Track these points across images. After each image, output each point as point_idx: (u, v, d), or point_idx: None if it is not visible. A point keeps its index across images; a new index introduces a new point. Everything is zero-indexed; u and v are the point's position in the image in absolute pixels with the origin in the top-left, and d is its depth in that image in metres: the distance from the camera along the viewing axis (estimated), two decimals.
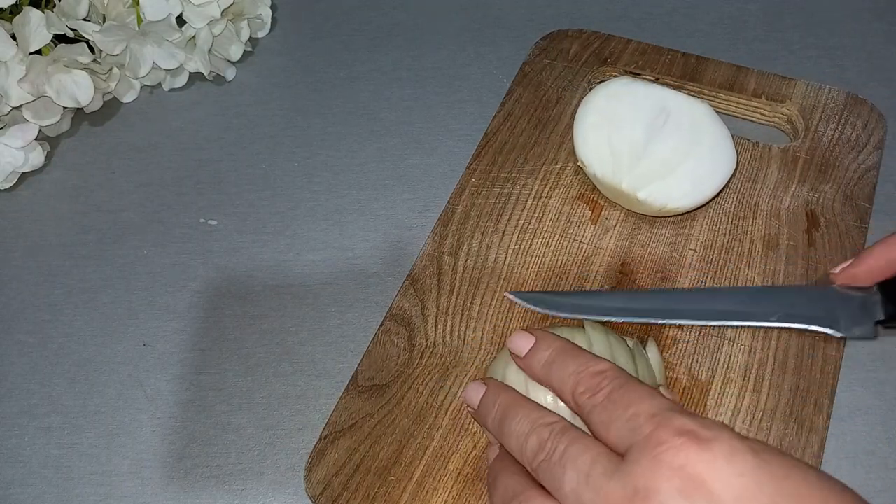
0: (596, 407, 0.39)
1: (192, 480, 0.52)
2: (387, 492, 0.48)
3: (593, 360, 0.42)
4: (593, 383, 0.40)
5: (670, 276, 0.57)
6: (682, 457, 0.34)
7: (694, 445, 0.35)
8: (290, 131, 0.70)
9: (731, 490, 0.34)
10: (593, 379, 0.40)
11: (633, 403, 0.38)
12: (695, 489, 0.34)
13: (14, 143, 0.64)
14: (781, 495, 0.34)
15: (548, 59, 0.70)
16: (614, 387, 0.39)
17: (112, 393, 0.56)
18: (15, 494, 0.52)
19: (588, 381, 0.40)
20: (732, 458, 0.34)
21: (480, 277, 0.57)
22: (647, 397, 0.38)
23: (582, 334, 0.48)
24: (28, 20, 0.62)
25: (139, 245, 0.63)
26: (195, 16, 0.68)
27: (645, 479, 0.35)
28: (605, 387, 0.40)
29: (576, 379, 0.41)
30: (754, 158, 0.62)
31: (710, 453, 0.34)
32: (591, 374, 0.41)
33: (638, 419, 0.37)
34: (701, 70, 0.68)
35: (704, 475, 0.34)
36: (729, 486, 0.34)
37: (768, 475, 0.34)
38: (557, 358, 0.43)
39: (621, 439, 0.37)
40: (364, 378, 0.53)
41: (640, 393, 0.39)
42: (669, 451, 0.35)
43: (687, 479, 0.34)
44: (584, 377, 0.41)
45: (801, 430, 0.50)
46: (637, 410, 0.37)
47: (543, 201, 0.61)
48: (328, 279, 0.60)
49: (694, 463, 0.34)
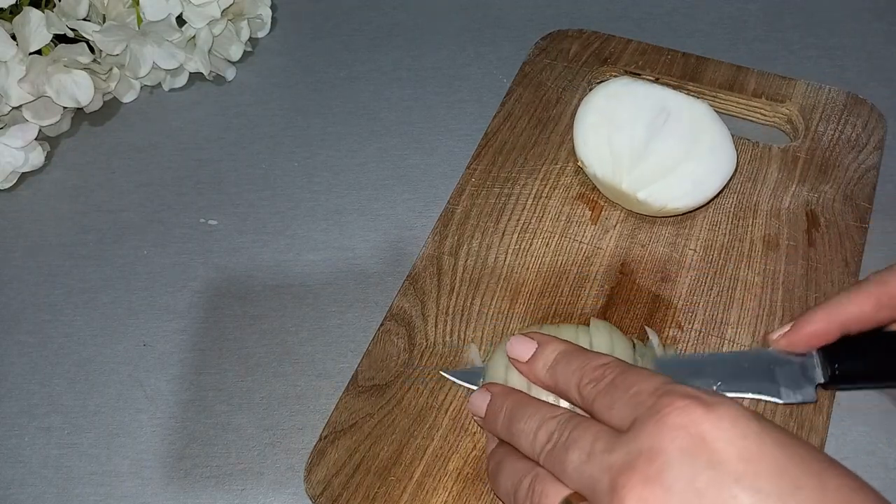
0: (600, 393, 0.40)
1: (192, 480, 0.52)
2: (387, 492, 0.48)
3: (595, 356, 0.42)
4: (596, 374, 0.41)
5: (670, 276, 0.57)
6: (685, 417, 0.35)
7: (699, 407, 0.35)
8: (290, 131, 0.70)
9: (734, 450, 0.34)
10: (596, 371, 0.41)
11: (635, 383, 0.38)
12: (699, 448, 0.34)
13: (14, 143, 0.64)
14: (785, 458, 0.34)
15: (548, 59, 0.70)
16: (616, 373, 0.40)
17: (112, 393, 0.56)
18: (15, 494, 0.52)
19: (591, 374, 0.41)
20: (736, 422, 0.35)
21: (480, 277, 0.57)
22: (649, 377, 0.39)
23: (585, 333, 0.48)
24: (28, 20, 0.62)
25: (139, 245, 0.63)
26: (195, 16, 0.68)
27: (650, 441, 0.35)
28: (608, 375, 0.40)
29: (580, 374, 0.41)
30: (754, 158, 0.62)
31: (715, 415, 0.35)
32: (594, 367, 0.41)
33: (640, 395, 0.37)
34: (701, 70, 0.68)
35: (708, 435, 0.34)
36: (733, 447, 0.34)
37: (772, 440, 0.34)
38: (562, 360, 0.43)
39: (624, 418, 0.37)
40: (364, 378, 0.53)
41: (641, 375, 0.39)
42: (673, 412, 0.35)
43: (691, 438, 0.34)
44: (588, 370, 0.41)
45: (801, 430, 0.50)
46: (639, 389, 0.38)
47: (543, 201, 0.61)
48: (328, 279, 0.60)
49: (698, 423, 0.34)
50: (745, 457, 0.34)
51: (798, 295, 0.55)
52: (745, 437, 0.34)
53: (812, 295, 0.55)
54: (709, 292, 0.56)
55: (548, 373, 0.44)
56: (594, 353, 0.43)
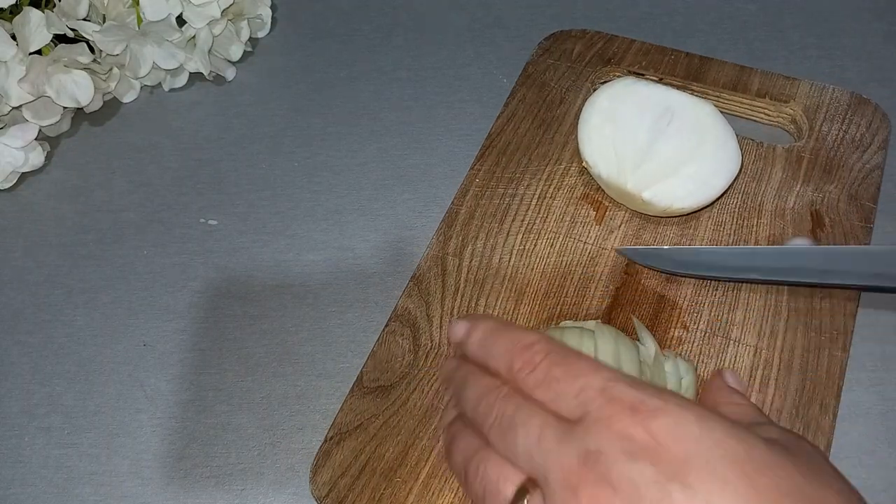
0: (539, 384, 0.39)
1: (192, 480, 0.51)
2: (393, 493, 0.48)
3: (522, 333, 0.41)
4: (526, 358, 0.39)
5: (675, 277, 0.57)
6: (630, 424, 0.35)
7: (644, 412, 0.35)
8: (290, 131, 0.70)
9: (674, 452, 0.34)
10: (524, 353, 0.40)
11: (578, 376, 0.38)
12: (643, 451, 0.35)
13: (14, 143, 0.64)
14: (718, 456, 0.34)
15: (551, 60, 0.70)
16: (552, 361, 0.39)
17: (112, 393, 0.55)
18: (15, 494, 0.51)
19: (521, 357, 0.40)
20: (679, 424, 0.35)
21: (485, 278, 0.57)
22: (591, 371, 0.38)
23: (590, 338, 0.47)
24: (28, 20, 0.62)
25: (139, 245, 0.63)
26: (195, 16, 0.68)
27: (599, 442, 0.35)
28: (540, 361, 0.39)
29: (509, 356, 0.40)
30: (758, 158, 0.62)
31: (659, 420, 0.35)
32: (521, 347, 0.40)
33: (588, 392, 0.37)
34: (704, 70, 0.68)
35: (652, 439, 0.35)
36: (674, 448, 0.34)
37: (712, 440, 0.35)
38: (489, 337, 0.42)
39: (571, 412, 0.37)
40: (369, 379, 0.53)
41: (581, 367, 0.38)
42: (622, 418, 0.35)
43: (636, 442, 0.35)
44: (516, 352, 0.40)
45: (808, 431, 0.50)
46: (583, 384, 0.37)
47: (548, 202, 0.61)
48: (328, 279, 0.60)
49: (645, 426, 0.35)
50: (681, 457, 0.34)
51: (803, 295, 0.55)
52: (685, 439, 0.35)
53: (817, 295, 0.55)
54: (714, 293, 0.56)
55: (480, 351, 0.42)
56: (522, 329, 0.41)
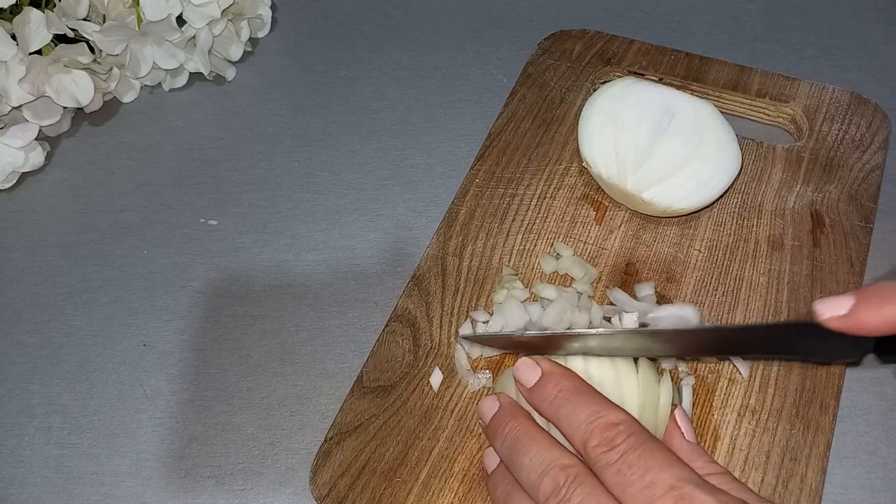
0: (610, 466, 0.38)
1: (192, 480, 0.51)
2: (393, 493, 0.48)
3: (606, 408, 0.40)
4: (606, 437, 0.39)
5: (675, 277, 0.57)
6: None
7: None
8: (290, 131, 0.70)
9: None
10: (606, 432, 0.39)
11: (650, 470, 0.37)
12: None
13: (14, 143, 0.64)
14: None
15: (551, 60, 0.70)
16: (630, 446, 0.38)
17: (112, 393, 0.55)
18: (15, 494, 0.51)
19: (601, 434, 0.39)
20: None
21: (485, 278, 0.57)
22: (666, 465, 0.37)
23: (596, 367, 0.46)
24: (28, 20, 0.62)
25: (139, 245, 0.63)
26: (195, 16, 0.68)
27: None
28: (620, 444, 0.39)
29: (587, 429, 0.40)
30: (759, 158, 0.62)
31: None
32: (605, 425, 0.39)
33: (655, 489, 0.37)
34: (705, 70, 0.68)
35: None
36: None
37: None
38: (568, 400, 0.41)
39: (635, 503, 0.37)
40: (369, 379, 0.53)
41: (657, 459, 0.38)
42: None
43: None
44: (597, 429, 0.39)
45: (808, 430, 0.50)
46: (654, 479, 0.37)
47: (548, 202, 0.61)
48: (328, 279, 0.60)
49: None
50: None
51: (803, 295, 0.55)
52: None
53: (817, 295, 0.55)
54: (714, 292, 0.56)
55: (551, 408, 0.42)
56: (604, 401, 0.41)
